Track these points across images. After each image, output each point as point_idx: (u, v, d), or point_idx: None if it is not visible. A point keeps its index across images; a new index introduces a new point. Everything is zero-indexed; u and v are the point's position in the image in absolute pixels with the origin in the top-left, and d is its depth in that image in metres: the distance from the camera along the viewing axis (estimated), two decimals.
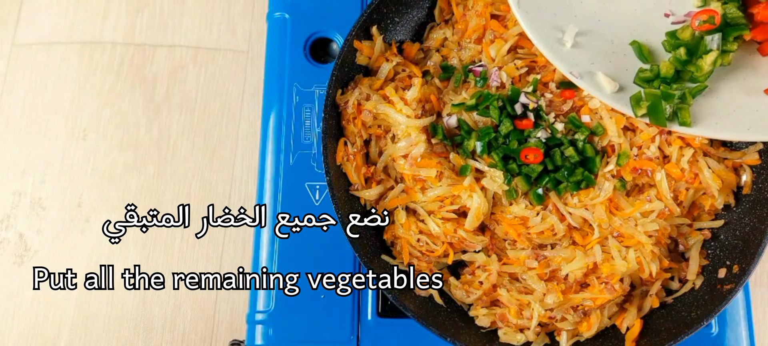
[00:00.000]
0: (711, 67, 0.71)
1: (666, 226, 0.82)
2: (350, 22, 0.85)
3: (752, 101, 0.72)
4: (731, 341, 0.86)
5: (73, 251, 1.04)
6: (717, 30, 0.71)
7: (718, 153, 0.85)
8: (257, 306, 0.87)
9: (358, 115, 0.84)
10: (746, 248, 0.80)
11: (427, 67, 0.89)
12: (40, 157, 1.08)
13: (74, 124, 1.09)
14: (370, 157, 0.85)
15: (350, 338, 0.86)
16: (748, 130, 0.70)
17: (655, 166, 0.81)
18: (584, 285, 0.80)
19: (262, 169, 0.92)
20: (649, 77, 0.73)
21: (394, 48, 0.89)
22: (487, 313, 0.81)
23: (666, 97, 0.70)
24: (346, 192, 0.83)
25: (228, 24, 1.15)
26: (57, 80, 1.11)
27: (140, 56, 1.13)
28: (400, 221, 0.82)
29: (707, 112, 0.71)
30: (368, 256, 0.80)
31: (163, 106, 1.10)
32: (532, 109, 0.82)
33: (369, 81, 0.86)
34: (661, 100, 0.70)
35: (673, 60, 0.72)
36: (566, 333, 0.80)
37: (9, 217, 1.06)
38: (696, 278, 0.82)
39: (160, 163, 1.08)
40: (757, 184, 0.83)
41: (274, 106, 0.93)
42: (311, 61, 0.95)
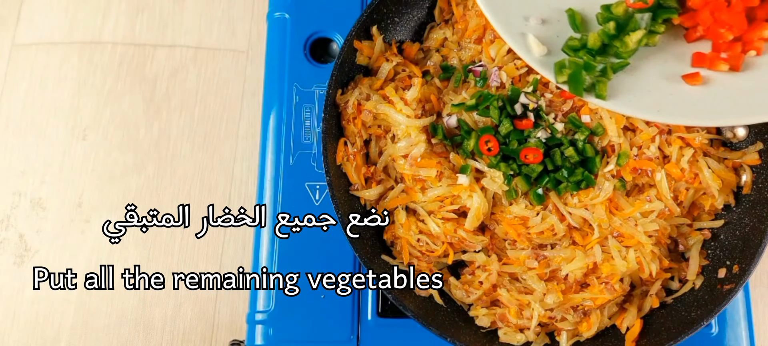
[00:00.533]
0: (636, 46, 0.72)
1: (666, 226, 0.82)
2: (350, 22, 0.85)
3: (669, 85, 0.73)
4: (731, 341, 0.86)
5: (73, 251, 1.04)
6: (649, 10, 0.73)
7: (718, 153, 0.85)
8: (257, 306, 0.87)
9: (358, 115, 0.84)
10: (746, 248, 0.80)
11: (427, 67, 0.89)
12: (40, 157, 1.08)
13: (74, 124, 1.09)
14: (370, 157, 0.85)
15: (350, 338, 0.86)
16: (658, 112, 0.71)
17: (655, 166, 0.81)
18: (584, 285, 0.80)
19: (262, 170, 0.92)
20: (576, 46, 0.73)
21: (394, 48, 0.89)
22: (487, 313, 0.81)
23: (587, 68, 0.71)
24: (346, 192, 0.83)
25: (228, 24, 1.15)
26: (57, 80, 1.11)
27: (140, 56, 1.13)
28: (400, 221, 0.82)
29: (624, 89, 0.72)
30: (368, 256, 0.80)
31: (163, 106, 1.10)
32: (532, 109, 0.82)
33: (369, 81, 0.86)
34: (582, 71, 0.71)
35: (602, 33, 0.73)
36: (566, 333, 0.80)
37: (9, 217, 1.06)
38: (696, 278, 0.82)
39: (160, 163, 1.08)
40: (757, 184, 0.83)
41: (274, 106, 0.93)
42: (311, 61, 0.95)
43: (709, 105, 0.71)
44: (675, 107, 0.71)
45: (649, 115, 0.71)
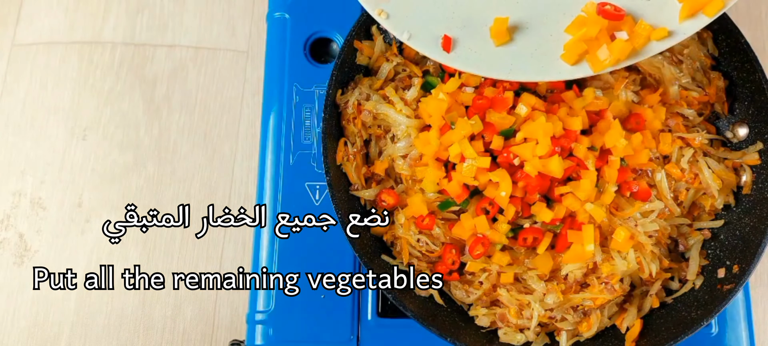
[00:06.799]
0: None
1: (666, 226, 0.82)
2: (350, 22, 0.85)
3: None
4: (731, 341, 0.86)
5: (73, 251, 1.04)
6: None
7: (718, 153, 0.85)
8: (257, 306, 0.87)
9: (358, 115, 0.84)
10: (746, 248, 0.80)
11: (427, 67, 0.89)
12: (40, 158, 1.08)
13: (74, 124, 1.09)
14: (370, 157, 0.85)
15: (350, 338, 0.86)
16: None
17: (655, 166, 0.82)
18: (584, 285, 0.80)
19: (262, 170, 0.92)
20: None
21: (395, 48, 0.89)
22: (487, 313, 0.81)
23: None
24: (346, 192, 0.83)
25: (228, 24, 1.15)
26: (57, 80, 1.11)
27: (140, 56, 1.13)
28: (400, 221, 0.82)
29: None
30: (368, 256, 0.80)
31: (163, 106, 1.10)
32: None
33: (369, 81, 0.86)
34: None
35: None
36: (566, 333, 0.80)
37: (9, 217, 1.06)
38: (696, 278, 0.82)
39: (160, 163, 1.08)
40: (757, 184, 0.83)
41: (274, 106, 0.93)
42: (311, 61, 0.95)
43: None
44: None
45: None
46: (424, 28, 0.76)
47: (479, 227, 0.78)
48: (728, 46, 0.85)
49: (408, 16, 0.77)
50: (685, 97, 0.85)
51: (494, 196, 0.77)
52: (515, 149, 0.76)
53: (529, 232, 0.78)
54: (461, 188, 0.78)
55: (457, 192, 0.78)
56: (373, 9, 0.77)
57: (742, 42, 0.83)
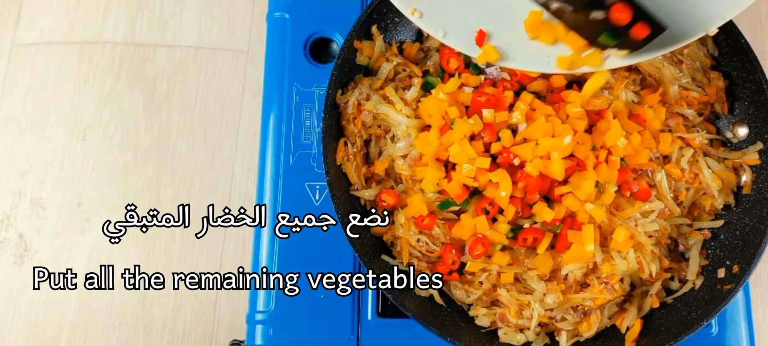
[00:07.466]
0: None
1: (666, 226, 0.82)
2: (350, 22, 0.85)
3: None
4: (731, 341, 0.86)
5: (73, 251, 1.04)
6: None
7: (718, 153, 0.85)
8: (257, 306, 0.87)
9: (358, 115, 0.84)
10: (746, 248, 0.80)
11: (427, 67, 0.89)
12: (40, 158, 1.08)
13: (74, 124, 1.09)
14: (370, 157, 0.85)
15: (350, 338, 0.86)
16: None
17: (655, 166, 0.82)
18: (584, 285, 0.80)
19: (262, 170, 0.92)
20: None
21: (395, 48, 0.89)
22: (487, 313, 0.81)
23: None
24: (346, 192, 0.83)
25: (228, 24, 1.15)
26: (57, 80, 1.11)
27: (140, 56, 1.13)
28: (400, 221, 0.82)
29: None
30: (368, 256, 0.80)
31: (163, 106, 1.10)
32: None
33: (369, 81, 0.86)
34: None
35: None
36: (566, 333, 0.80)
37: (9, 217, 1.06)
38: (696, 278, 0.82)
39: (160, 163, 1.08)
40: (757, 184, 0.83)
41: (274, 106, 0.93)
42: (311, 61, 0.95)
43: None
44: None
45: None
46: (459, 24, 0.76)
47: (479, 227, 0.78)
48: (728, 46, 0.85)
49: (442, 14, 0.76)
50: (685, 97, 0.85)
51: (494, 196, 0.77)
52: (515, 149, 0.76)
53: (529, 232, 0.78)
54: (461, 188, 0.78)
55: (457, 192, 0.78)
56: (405, 8, 0.76)
57: (742, 42, 0.83)
